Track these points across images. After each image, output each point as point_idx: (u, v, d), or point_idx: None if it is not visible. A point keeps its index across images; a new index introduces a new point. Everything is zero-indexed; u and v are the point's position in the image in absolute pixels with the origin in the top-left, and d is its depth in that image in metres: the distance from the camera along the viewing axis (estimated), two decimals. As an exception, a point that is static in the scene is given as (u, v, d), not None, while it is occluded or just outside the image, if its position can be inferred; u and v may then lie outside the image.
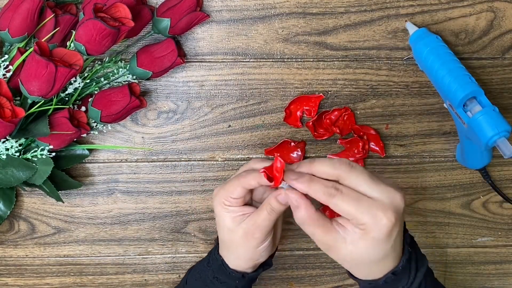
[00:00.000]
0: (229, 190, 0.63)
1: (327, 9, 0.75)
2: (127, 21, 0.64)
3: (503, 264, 0.86)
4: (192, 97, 0.77)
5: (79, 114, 0.71)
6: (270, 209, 0.61)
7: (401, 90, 0.78)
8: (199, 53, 0.76)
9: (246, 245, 0.64)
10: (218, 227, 0.66)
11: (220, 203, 0.64)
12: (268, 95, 0.77)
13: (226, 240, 0.66)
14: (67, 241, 0.81)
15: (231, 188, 0.63)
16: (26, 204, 0.79)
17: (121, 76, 0.73)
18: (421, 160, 0.81)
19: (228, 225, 0.64)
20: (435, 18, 0.76)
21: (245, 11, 0.75)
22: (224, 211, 0.64)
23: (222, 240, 0.67)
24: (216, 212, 0.65)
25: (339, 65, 0.77)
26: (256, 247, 0.64)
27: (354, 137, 0.78)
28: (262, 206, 0.62)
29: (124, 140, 0.78)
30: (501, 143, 0.66)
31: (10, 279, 0.82)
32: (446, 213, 0.83)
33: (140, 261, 0.83)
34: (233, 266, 0.67)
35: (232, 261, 0.67)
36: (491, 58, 0.78)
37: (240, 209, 0.64)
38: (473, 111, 0.68)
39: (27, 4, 0.66)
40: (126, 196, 0.80)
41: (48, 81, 0.62)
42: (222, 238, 0.66)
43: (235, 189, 0.62)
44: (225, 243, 0.66)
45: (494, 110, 0.67)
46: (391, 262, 0.59)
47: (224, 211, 0.64)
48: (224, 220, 0.64)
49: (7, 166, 0.71)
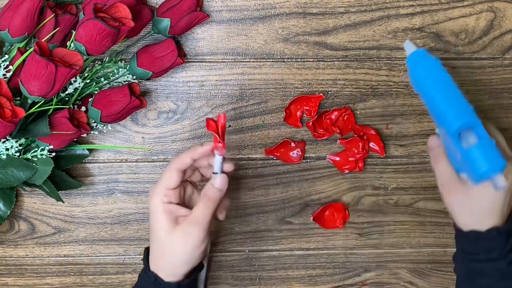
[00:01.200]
0: (165, 180, 0.64)
1: (327, 9, 0.75)
2: (127, 21, 0.64)
3: (503, 264, 0.86)
4: (192, 97, 0.77)
5: (79, 114, 0.71)
6: (207, 199, 0.62)
7: (401, 90, 0.78)
8: (199, 53, 0.76)
9: (185, 246, 0.63)
10: (153, 231, 0.64)
11: (159, 200, 0.64)
12: (268, 95, 0.77)
13: (163, 244, 0.64)
14: (67, 241, 0.81)
15: (166, 177, 0.64)
16: (26, 204, 0.79)
17: (121, 76, 0.73)
18: (421, 160, 0.81)
19: (166, 227, 0.63)
20: (435, 18, 0.76)
21: (245, 11, 0.75)
22: (161, 211, 0.64)
23: (157, 247, 0.65)
24: (153, 213, 0.64)
25: (339, 65, 0.77)
26: (195, 247, 0.63)
27: (354, 137, 0.78)
28: (198, 201, 0.64)
29: (124, 140, 0.78)
30: (495, 179, 0.62)
31: (10, 279, 0.82)
32: (446, 213, 0.83)
33: (140, 261, 0.83)
34: (168, 277, 0.64)
35: (168, 270, 0.64)
36: (491, 58, 0.78)
37: (177, 209, 0.64)
38: (468, 142, 0.63)
39: (27, 4, 0.66)
40: (126, 196, 0.80)
41: (48, 81, 0.62)
42: (157, 244, 0.65)
43: (171, 175, 0.64)
44: (161, 249, 0.64)
45: (491, 143, 0.62)
46: (498, 218, 0.61)
47: (161, 211, 0.64)
48: (161, 221, 0.63)
49: (7, 166, 0.71)
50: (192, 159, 0.64)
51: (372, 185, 0.81)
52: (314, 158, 0.80)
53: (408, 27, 0.76)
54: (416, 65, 0.66)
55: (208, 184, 0.65)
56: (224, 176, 0.65)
